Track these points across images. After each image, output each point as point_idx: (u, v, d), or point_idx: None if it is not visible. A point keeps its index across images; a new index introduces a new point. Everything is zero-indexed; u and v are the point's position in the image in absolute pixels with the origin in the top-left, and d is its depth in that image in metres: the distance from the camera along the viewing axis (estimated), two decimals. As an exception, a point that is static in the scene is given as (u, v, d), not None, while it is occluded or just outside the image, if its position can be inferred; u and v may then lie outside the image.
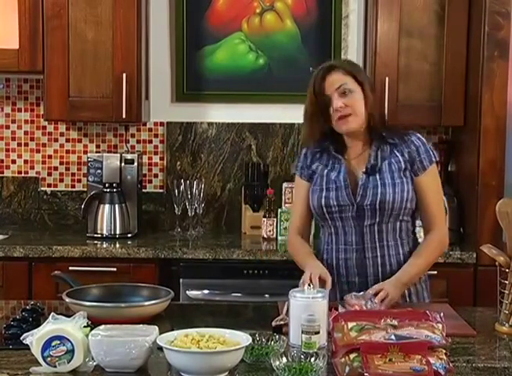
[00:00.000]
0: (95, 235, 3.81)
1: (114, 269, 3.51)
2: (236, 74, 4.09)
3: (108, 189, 3.83)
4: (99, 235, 3.81)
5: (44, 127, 4.13)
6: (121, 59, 3.74)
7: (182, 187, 3.88)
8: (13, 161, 4.15)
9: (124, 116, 3.74)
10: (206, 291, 3.52)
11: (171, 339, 1.93)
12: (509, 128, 3.50)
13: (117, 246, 3.62)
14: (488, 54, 3.48)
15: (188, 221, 3.93)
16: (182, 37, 4.08)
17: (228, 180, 4.13)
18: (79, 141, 4.14)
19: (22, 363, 1.97)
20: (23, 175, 4.15)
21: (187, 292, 3.51)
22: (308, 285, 2.14)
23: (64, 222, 4.13)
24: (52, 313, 2.01)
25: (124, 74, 3.72)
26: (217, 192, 4.13)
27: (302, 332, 2.02)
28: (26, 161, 4.15)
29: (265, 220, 3.80)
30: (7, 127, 4.13)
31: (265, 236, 3.80)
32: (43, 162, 4.15)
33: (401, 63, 3.68)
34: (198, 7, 4.06)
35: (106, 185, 3.83)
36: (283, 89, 4.09)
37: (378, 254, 2.57)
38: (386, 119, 2.65)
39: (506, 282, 2.29)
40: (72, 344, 1.91)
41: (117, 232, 3.82)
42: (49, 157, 4.15)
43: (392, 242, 2.58)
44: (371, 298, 2.34)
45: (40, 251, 3.54)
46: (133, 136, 4.14)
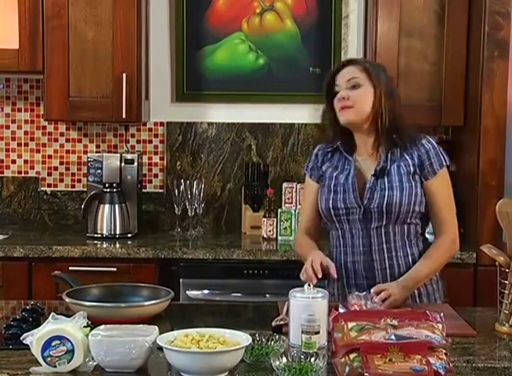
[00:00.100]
0: (95, 235, 3.81)
1: (114, 269, 3.51)
2: (236, 74, 4.09)
3: (108, 189, 3.83)
4: (99, 235, 3.81)
5: (44, 127, 4.13)
6: (121, 59, 3.74)
7: (182, 187, 3.88)
8: (13, 161, 4.15)
9: (124, 116, 3.74)
10: (206, 291, 3.52)
11: (171, 339, 1.93)
12: (509, 128, 3.50)
13: (117, 246, 3.62)
14: (488, 54, 3.48)
15: (188, 221, 3.93)
16: (182, 37, 4.08)
17: (228, 180, 4.13)
18: (79, 141, 4.14)
19: (22, 363, 1.96)
20: (23, 175, 4.15)
21: (187, 292, 3.51)
22: (308, 285, 2.14)
23: (64, 222, 4.14)
24: (52, 313, 2.01)
25: (124, 74, 3.72)
26: (217, 192, 4.13)
27: (302, 332, 2.02)
28: (26, 161, 4.15)
29: (265, 220, 3.80)
30: (7, 127, 4.13)
31: (264, 236, 3.80)
32: (43, 162, 4.15)
33: (401, 63, 3.68)
34: (198, 7, 4.07)
35: (106, 185, 3.83)
36: (283, 89, 4.09)
37: (386, 257, 2.56)
38: (401, 124, 2.58)
39: (506, 282, 2.29)
40: (72, 344, 1.91)
41: (117, 232, 3.82)
42: (49, 157, 4.15)
43: (400, 243, 2.57)
44: (372, 298, 2.34)
45: (40, 251, 3.54)
46: (133, 136, 4.14)
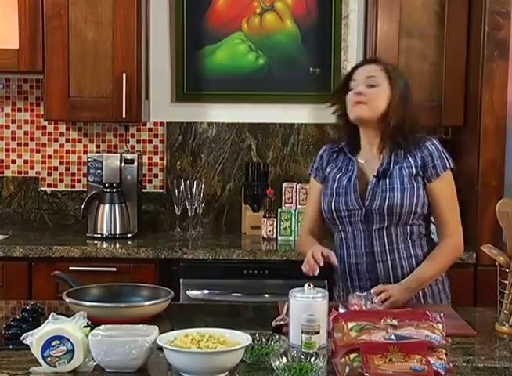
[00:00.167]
0: (95, 235, 3.81)
1: (114, 269, 3.51)
2: (236, 74, 4.09)
3: (108, 189, 3.83)
4: (99, 235, 3.81)
5: (44, 127, 4.13)
6: (121, 59, 3.74)
7: (182, 187, 3.88)
8: (13, 161, 4.15)
9: (124, 116, 3.74)
10: (206, 291, 3.52)
11: (171, 339, 1.93)
12: (509, 128, 3.50)
13: (117, 246, 3.62)
14: (488, 54, 3.48)
15: (188, 221, 3.93)
16: (182, 37, 4.08)
17: (228, 180, 4.13)
18: (79, 141, 4.14)
19: (22, 363, 1.96)
20: (23, 175, 4.15)
21: (187, 292, 3.51)
22: (308, 285, 2.14)
23: (64, 222, 4.14)
24: (52, 313, 2.01)
25: (124, 74, 3.72)
26: (217, 192, 4.13)
27: (302, 332, 2.02)
28: (26, 161, 4.15)
29: (264, 220, 3.80)
30: (7, 127, 4.13)
31: (264, 236, 3.80)
32: (43, 162, 4.15)
33: (401, 63, 3.67)
34: (198, 7, 4.07)
35: (106, 185, 3.83)
36: (283, 89, 4.09)
37: (388, 258, 2.56)
38: (408, 128, 2.59)
39: (506, 282, 2.29)
40: (72, 344, 1.91)
41: (117, 232, 3.82)
42: (49, 157, 4.15)
43: (403, 245, 2.57)
44: (372, 299, 2.33)
45: (40, 251, 3.54)
46: (133, 136, 4.14)
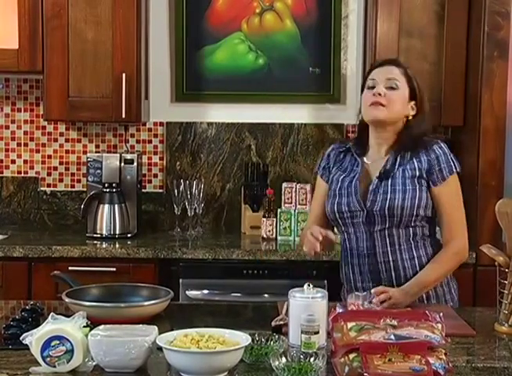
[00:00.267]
0: (95, 235, 3.81)
1: (114, 269, 3.51)
2: (235, 74, 4.09)
3: (108, 189, 3.83)
4: (99, 235, 3.81)
5: (43, 127, 4.13)
6: (121, 59, 3.74)
7: (181, 187, 3.88)
8: (13, 161, 4.15)
9: (123, 116, 3.74)
10: (205, 291, 3.52)
11: (171, 339, 1.93)
12: (508, 128, 3.50)
13: (117, 246, 3.62)
14: (487, 54, 3.48)
15: (187, 221, 3.93)
16: (181, 37, 4.08)
17: (228, 180, 4.13)
18: (79, 141, 4.14)
19: (21, 363, 1.96)
20: (22, 175, 4.15)
21: (187, 292, 3.51)
22: (308, 285, 2.14)
23: (64, 222, 4.13)
24: (51, 313, 2.01)
25: (123, 74, 3.72)
26: (216, 192, 4.13)
27: (302, 332, 2.02)
28: (25, 161, 4.15)
29: (264, 220, 3.80)
30: (7, 127, 4.13)
31: (264, 236, 3.80)
32: (43, 162, 4.15)
33: (400, 63, 3.68)
34: (198, 7, 4.06)
35: (106, 185, 3.83)
36: (282, 89, 4.09)
37: (390, 259, 2.56)
38: (419, 132, 2.59)
39: (506, 282, 2.29)
40: (71, 344, 1.91)
41: (117, 232, 3.82)
42: (49, 157, 4.15)
43: (405, 246, 2.56)
44: (371, 299, 2.33)
45: (39, 251, 3.54)
46: (133, 136, 4.14)
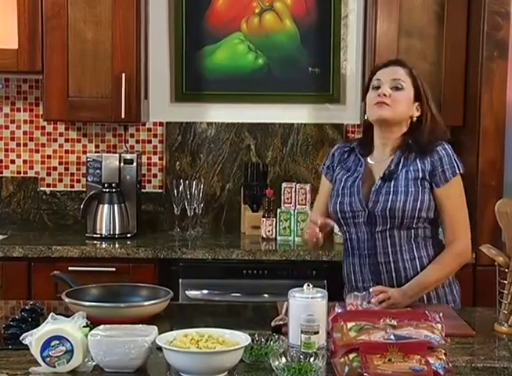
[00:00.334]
0: (95, 235, 3.81)
1: (113, 269, 3.51)
2: (235, 74, 4.09)
3: (107, 189, 3.83)
4: (99, 235, 3.81)
5: (43, 127, 4.13)
6: (121, 59, 3.74)
7: (181, 187, 3.88)
8: (12, 161, 4.15)
9: (123, 116, 3.74)
10: (205, 291, 3.52)
11: (171, 339, 1.93)
12: (508, 128, 3.50)
13: (117, 246, 3.62)
14: (487, 54, 3.48)
15: (187, 221, 3.93)
16: (181, 37, 4.08)
17: (228, 180, 4.13)
18: (78, 141, 4.14)
19: (21, 363, 1.96)
20: (22, 175, 4.15)
21: (186, 292, 3.51)
22: (307, 285, 2.13)
23: (63, 222, 4.13)
24: (51, 313, 2.01)
25: (123, 74, 3.72)
26: (216, 192, 4.13)
27: (301, 332, 2.02)
28: (25, 161, 4.15)
29: (264, 220, 3.80)
30: (6, 127, 4.13)
31: (264, 236, 3.79)
32: (42, 162, 4.15)
33: (400, 63, 3.68)
34: (198, 7, 4.06)
35: (106, 185, 3.83)
36: (282, 89, 4.09)
37: (391, 260, 2.56)
38: (424, 133, 2.59)
39: (505, 282, 2.29)
40: (71, 344, 1.91)
41: (117, 232, 3.82)
42: (48, 157, 4.14)
43: (406, 247, 2.56)
44: (369, 299, 2.33)
45: (39, 251, 3.54)
46: (132, 136, 4.14)
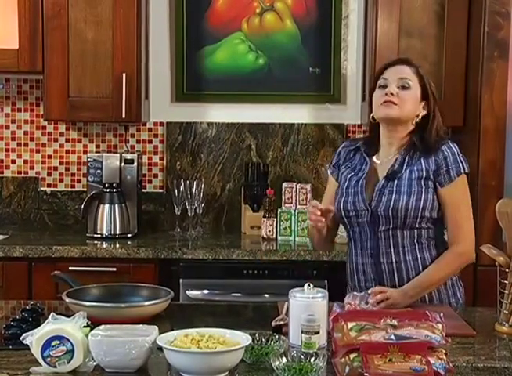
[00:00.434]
0: (95, 235, 3.81)
1: (114, 269, 3.51)
2: (235, 74, 4.09)
3: (108, 189, 3.83)
4: (99, 235, 3.81)
5: (44, 127, 4.13)
6: (121, 59, 3.74)
7: (181, 187, 3.88)
8: (13, 161, 4.15)
9: (123, 116, 3.74)
10: (206, 291, 3.52)
11: (171, 339, 1.93)
12: (508, 128, 3.50)
13: (117, 246, 3.62)
14: (487, 54, 3.48)
15: (188, 221, 3.93)
16: (181, 37, 4.08)
17: (228, 180, 4.13)
18: (79, 141, 4.14)
19: (22, 363, 1.96)
20: (22, 175, 4.15)
21: (187, 292, 3.51)
22: (308, 285, 2.13)
23: (64, 222, 4.13)
24: (51, 313, 2.01)
25: (123, 74, 3.72)
26: (216, 192, 4.13)
27: (302, 332, 2.02)
28: (26, 161, 4.15)
29: (264, 220, 3.80)
30: (7, 127, 4.13)
31: (264, 236, 3.79)
32: (43, 162, 4.15)
33: (400, 63, 3.68)
34: (198, 7, 4.06)
35: (106, 185, 3.83)
36: (282, 89, 4.09)
37: (393, 260, 2.55)
38: (430, 133, 2.58)
39: (506, 282, 2.29)
40: (72, 344, 1.91)
41: (117, 232, 3.82)
42: (49, 157, 4.15)
43: (409, 247, 2.55)
44: (367, 299, 2.33)
45: (40, 251, 3.54)
46: (133, 136, 4.14)
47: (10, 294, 3.40)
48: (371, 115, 2.63)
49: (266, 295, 3.48)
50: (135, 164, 3.87)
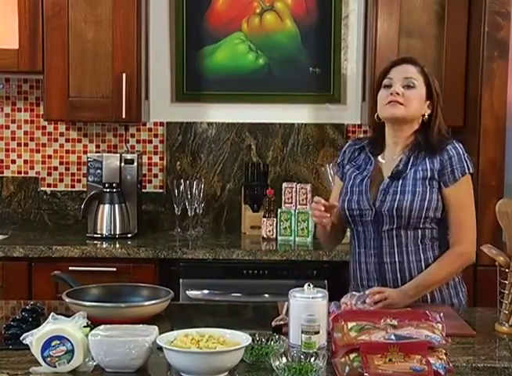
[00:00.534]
0: (95, 235, 3.81)
1: (114, 269, 3.52)
2: (235, 74, 4.09)
3: (108, 189, 3.83)
4: (99, 235, 3.81)
5: (44, 127, 4.13)
6: (121, 59, 3.74)
7: (181, 187, 3.88)
8: (13, 161, 4.15)
9: (123, 116, 3.74)
10: (206, 291, 3.52)
11: (171, 339, 1.93)
12: (508, 128, 3.50)
13: (117, 246, 3.62)
14: (487, 54, 3.48)
15: (188, 221, 3.93)
16: (181, 37, 4.08)
17: (228, 180, 4.13)
18: (79, 141, 4.14)
19: (22, 363, 1.96)
20: (22, 175, 4.15)
21: (187, 292, 3.51)
22: (308, 285, 2.13)
23: (64, 222, 4.13)
24: (51, 313, 2.01)
25: (123, 74, 3.72)
26: (217, 192, 4.13)
27: (302, 332, 2.02)
28: (26, 161, 4.15)
29: (264, 220, 3.80)
30: (7, 127, 4.13)
31: (264, 236, 3.79)
32: (43, 162, 4.15)
33: (400, 63, 3.68)
34: (198, 7, 4.06)
35: (106, 185, 3.83)
36: (282, 89, 4.09)
37: (396, 260, 2.55)
38: (433, 133, 2.58)
39: (506, 282, 2.29)
40: (72, 344, 1.91)
41: (117, 232, 3.82)
42: (49, 157, 4.15)
43: (412, 247, 2.55)
44: (364, 299, 2.33)
45: (40, 251, 3.54)
46: (133, 136, 4.14)
47: (10, 294, 3.40)
48: (376, 115, 2.62)
49: (266, 295, 3.48)
50: (135, 164, 3.87)
